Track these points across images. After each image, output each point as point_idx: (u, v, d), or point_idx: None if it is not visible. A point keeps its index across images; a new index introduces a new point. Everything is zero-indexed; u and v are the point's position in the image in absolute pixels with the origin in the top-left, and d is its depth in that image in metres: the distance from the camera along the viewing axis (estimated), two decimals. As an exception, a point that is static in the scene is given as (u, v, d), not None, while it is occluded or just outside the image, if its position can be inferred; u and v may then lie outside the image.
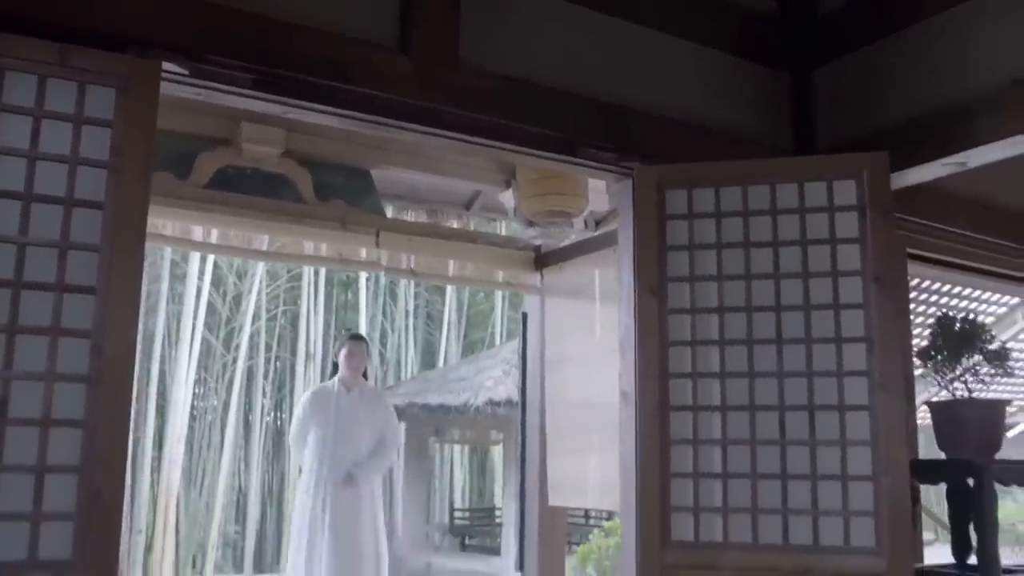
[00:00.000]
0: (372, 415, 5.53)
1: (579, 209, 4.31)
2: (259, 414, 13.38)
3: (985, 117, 3.23)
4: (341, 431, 5.35)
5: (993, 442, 3.24)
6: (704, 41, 3.70)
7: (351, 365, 5.56)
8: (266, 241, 4.78)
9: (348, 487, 5.22)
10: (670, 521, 3.10)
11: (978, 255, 4.41)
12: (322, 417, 5.41)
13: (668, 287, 3.22)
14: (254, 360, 13.47)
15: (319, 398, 5.58)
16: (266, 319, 13.57)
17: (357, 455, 5.34)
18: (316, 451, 5.33)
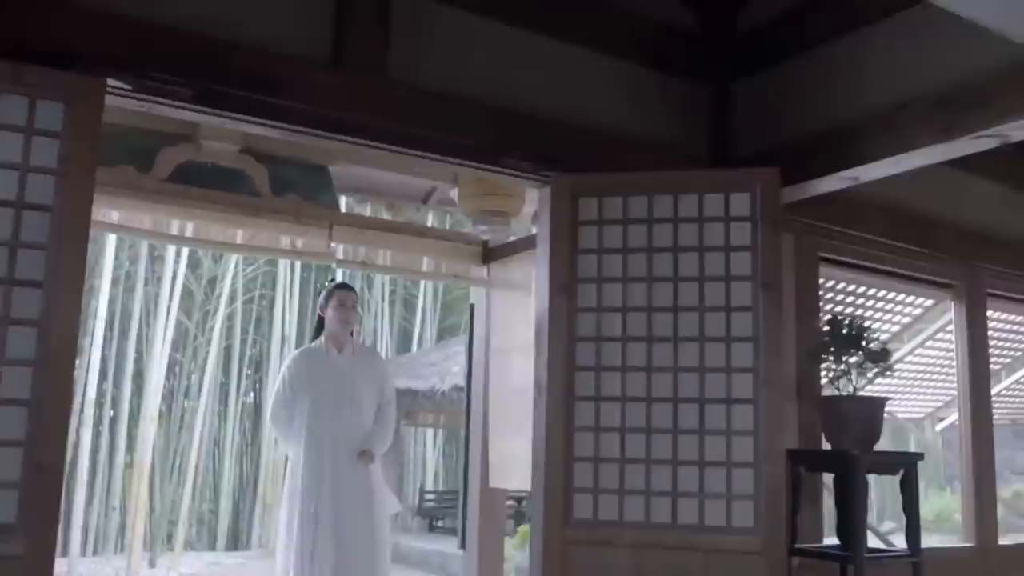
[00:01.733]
0: (371, 376, 4.64)
1: (515, 209, 4.62)
2: (234, 395, 13.68)
3: (873, 137, 3.56)
4: (340, 398, 4.47)
5: (871, 435, 3.59)
6: (625, 56, 4.01)
7: (341, 318, 4.61)
8: (223, 232, 5.06)
9: (362, 464, 4.40)
10: (572, 501, 3.44)
11: (890, 259, 4.73)
12: (314, 383, 4.49)
13: (578, 287, 3.55)
14: (231, 342, 13.75)
15: (307, 360, 4.62)
16: (243, 301, 13.85)
17: (363, 425, 4.49)
18: (312, 424, 4.40)
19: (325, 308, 4.70)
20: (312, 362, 4.62)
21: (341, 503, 4.31)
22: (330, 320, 4.66)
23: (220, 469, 13.76)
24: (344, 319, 4.65)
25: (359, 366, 4.64)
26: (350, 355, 4.65)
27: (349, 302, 4.68)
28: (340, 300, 4.65)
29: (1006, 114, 3.13)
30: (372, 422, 4.55)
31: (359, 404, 4.52)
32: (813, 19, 3.85)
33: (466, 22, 3.58)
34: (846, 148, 3.64)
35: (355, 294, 4.80)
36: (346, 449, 4.39)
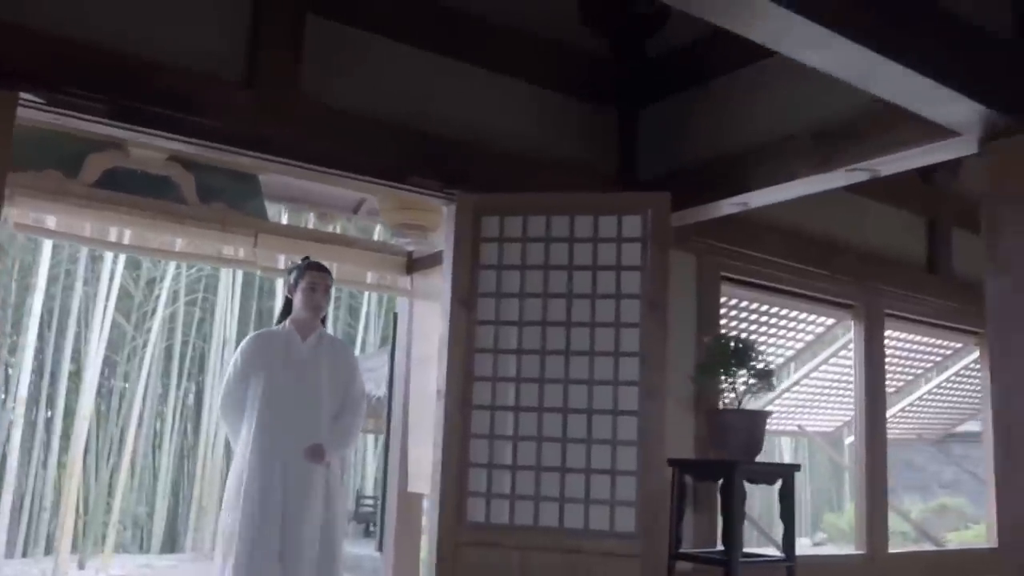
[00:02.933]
0: (336, 370, 4.12)
1: (434, 223, 4.81)
2: (172, 397, 13.70)
3: (760, 166, 3.81)
4: (297, 389, 3.99)
5: (753, 446, 3.83)
6: (535, 79, 4.22)
7: (312, 303, 4.10)
8: (148, 237, 5.20)
9: (312, 461, 3.92)
10: (466, 504, 3.63)
11: (791, 280, 5.01)
12: (269, 369, 4.00)
13: (478, 301, 3.75)
14: (171, 342, 13.78)
15: (265, 343, 4.13)
16: (185, 303, 13.88)
17: (320, 422, 3.99)
18: (262, 416, 3.92)
19: (294, 289, 4.16)
20: (270, 346, 4.10)
21: (292, 507, 3.83)
22: (299, 303, 4.13)
23: (157, 471, 13.76)
24: (315, 304, 4.12)
25: (324, 357, 4.09)
26: (315, 344, 4.12)
27: (322, 285, 4.14)
28: (312, 282, 4.11)
29: (873, 150, 3.40)
30: (331, 420, 4.04)
31: (318, 399, 4.00)
32: (711, 51, 4.09)
33: (377, 44, 3.75)
34: (736, 175, 3.89)
35: (330, 276, 4.24)
36: (300, 447, 3.92)
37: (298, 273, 4.19)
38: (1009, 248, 3.02)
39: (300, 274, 4.18)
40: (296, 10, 3.55)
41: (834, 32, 2.51)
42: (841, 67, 2.73)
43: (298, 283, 4.16)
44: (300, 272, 4.19)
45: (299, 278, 4.16)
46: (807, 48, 2.65)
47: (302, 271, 4.18)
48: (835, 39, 2.53)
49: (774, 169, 3.75)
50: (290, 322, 4.18)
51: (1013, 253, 3.01)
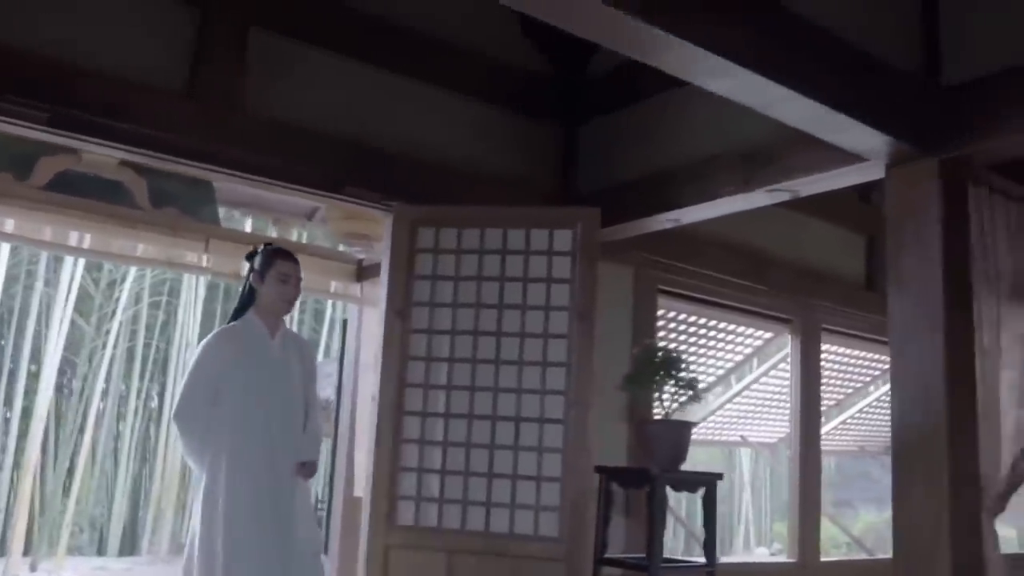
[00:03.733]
0: (304, 369, 3.66)
1: (378, 234, 4.93)
2: (133, 398, 13.72)
3: (689, 184, 3.98)
4: (274, 392, 3.49)
5: (678, 455, 3.98)
6: (478, 96, 4.38)
7: (283, 295, 3.57)
8: (100, 241, 5.30)
9: (307, 479, 3.55)
10: (396, 507, 3.78)
11: (728, 294, 5.18)
12: (246, 373, 3.46)
13: (412, 310, 3.90)
14: (133, 343, 13.80)
15: (235, 342, 3.54)
16: (148, 304, 13.91)
17: (297, 428, 3.55)
18: (241, 424, 3.40)
19: (261, 278, 3.57)
20: (240, 345, 3.51)
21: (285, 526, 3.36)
22: (269, 296, 3.56)
23: (117, 472, 13.77)
24: (287, 296, 3.60)
25: (292, 356, 3.62)
26: (281, 342, 3.60)
27: (294, 276, 3.60)
28: (283, 272, 3.56)
29: (791, 172, 3.58)
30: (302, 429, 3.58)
31: (293, 404, 3.55)
32: (644, 71, 4.20)
33: (319, 58, 3.89)
34: (667, 192, 4.06)
35: (299, 266, 3.67)
36: (284, 462, 3.43)
37: (264, 260, 3.59)
38: (910, 267, 3.21)
39: (267, 261, 3.58)
40: (239, 23, 3.69)
41: (735, 63, 2.68)
42: (744, 95, 2.91)
43: (266, 271, 3.56)
44: (267, 259, 3.59)
45: (267, 265, 3.57)
46: (711, 78, 2.82)
47: (269, 258, 3.59)
48: (736, 70, 2.70)
49: (701, 188, 3.92)
50: (257, 315, 3.58)
51: (913, 271, 3.20)
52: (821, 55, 2.95)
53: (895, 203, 3.30)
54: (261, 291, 3.59)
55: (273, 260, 3.59)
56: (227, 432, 3.39)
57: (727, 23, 2.67)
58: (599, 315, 4.41)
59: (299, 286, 3.66)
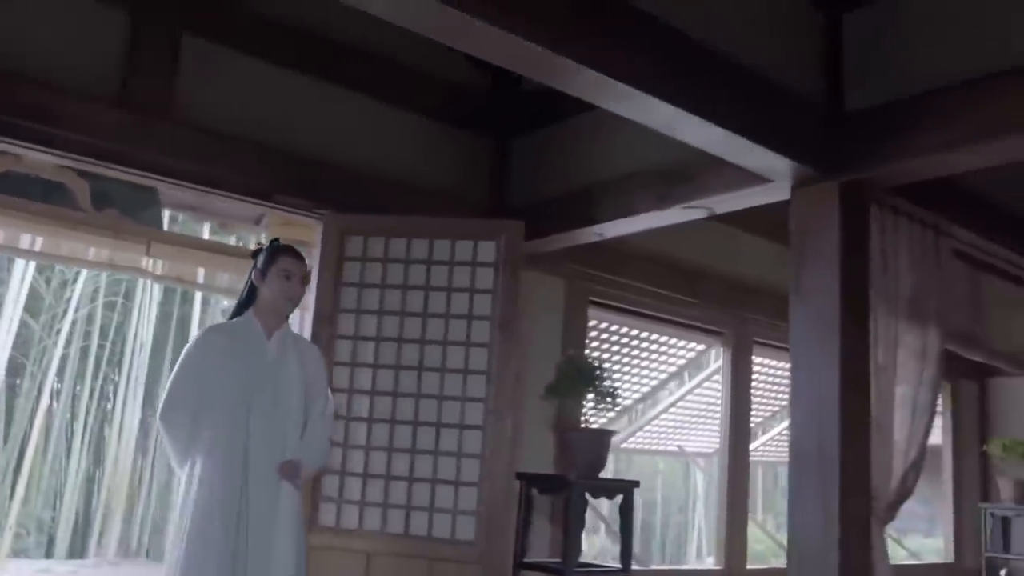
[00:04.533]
0: (305, 373, 3.43)
1: (315, 241, 5.05)
2: (84, 400, 13.71)
3: (610, 199, 4.14)
4: (267, 395, 3.30)
5: (597, 462, 4.13)
6: (413, 108, 4.50)
7: (287, 293, 3.40)
8: (40, 242, 5.38)
9: (288, 479, 3.26)
10: (319, 509, 3.89)
11: (660, 306, 5.35)
12: (238, 375, 3.30)
13: (339, 316, 4.03)
14: (87, 343, 13.79)
15: (228, 340, 3.39)
16: (103, 303, 13.91)
17: (290, 434, 3.32)
18: (228, 434, 3.22)
19: (263, 276, 3.40)
20: (234, 343, 3.36)
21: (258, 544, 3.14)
22: (271, 293, 3.38)
23: (65, 474, 13.75)
24: (292, 294, 3.42)
25: (291, 359, 3.40)
26: (281, 343, 3.41)
27: (299, 273, 3.44)
28: (287, 269, 3.39)
29: (703, 191, 3.74)
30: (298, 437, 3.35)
31: (287, 412, 3.33)
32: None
33: (253, 66, 3.98)
34: (590, 207, 4.22)
35: (305, 263, 3.53)
36: (267, 471, 3.22)
37: (268, 256, 3.44)
38: (809, 284, 3.38)
39: (270, 258, 3.43)
40: (171, 30, 3.79)
41: (636, 88, 2.83)
42: (648, 118, 3.07)
43: (268, 268, 3.39)
44: (270, 255, 3.44)
45: (269, 262, 3.41)
46: (615, 102, 2.98)
47: (272, 254, 3.44)
48: (638, 95, 2.86)
49: (621, 203, 4.08)
50: (256, 314, 3.41)
51: (812, 288, 3.37)
52: (724, 81, 3.12)
53: (798, 222, 3.48)
54: (262, 288, 3.41)
55: (276, 256, 3.43)
56: (214, 439, 3.20)
57: (628, 50, 2.82)
58: (529, 325, 4.60)
59: (304, 284, 3.50)
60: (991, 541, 6.51)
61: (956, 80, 3.13)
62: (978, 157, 3.20)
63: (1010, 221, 4.26)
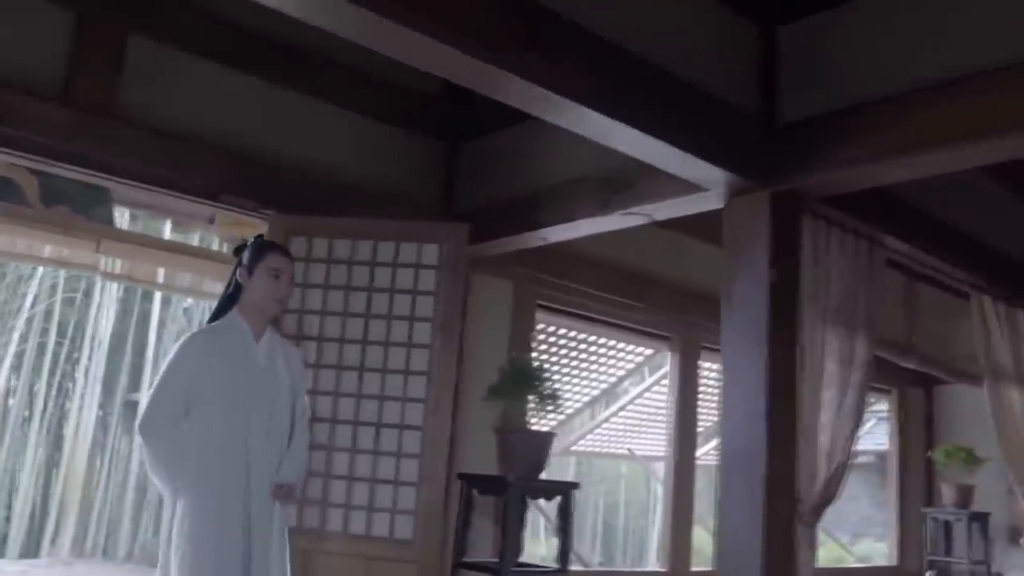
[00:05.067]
0: (292, 379, 3.32)
1: (265, 239, 5.10)
2: (41, 398, 13.63)
3: (554, 204, 4.21)
4: (258, 403, 3.15)
5: (538, 464, 4.21)
6: (362, 110, 4.55)
7: (275, 293, 3.25)
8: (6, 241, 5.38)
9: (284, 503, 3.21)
10: (258, 508, 3.93)
11: (608, 311, 5.44)
12: (229, 382, 3.13)
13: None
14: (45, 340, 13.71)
15: (219, 344, 3.19)
16: (61, 299, 13.84)
17: (281, 446, 3.21)
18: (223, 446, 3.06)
19: (249, 273, 3.25)
20: (224, 347, 3.17)
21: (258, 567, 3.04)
22: (258, 293, 3.23)
23: (19, 473, 13.66)
24: (279, 294, 3.26)
25: (280, 364, 3.27)
26: (267, 346, 3.27)
27: (287, 272, 3.28)
28: (276, 267, 3.25)
29: (642, 198, 3.83)
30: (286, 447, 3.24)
31: (278, 419, 3.20)
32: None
33: (200, 67, 4.03)
34: (534, 212, 4.29)
35: (292, 262, 3.38)
36: (263, 488, 3.11)
37: (254, 253, 3.28)
38: (740, 290, 3.48)
39: (258, 254, 3.27)
40: (118, 29, 3.82)
41: (568, 99, 2.91)
42: (582, 128, 3.16)
43: (256, 265, 3.24)
44: (257, 251, 3.29)
45: (256, 259, 3.25)
46: (548, 112, 3.07)
47: (260, 250, 3.29)
48: (570, 105, 2.94)
49: (564, 209, 4.16)
50: (241, 315, 3.24)
51: (743, 295, 3.47)
52: (658, 93, 3.20)
53: (731, 231, 3.58)
54: (248, 287, 3.24)
55: (264, 253, 3.27)
56: (197, 450, 3.03)
57: (559, 61, 2.89)
58: (476, 327, 4.68)
59: (292, 285, 3.34)
60: (933, 545, 6.66)
61: (883, 94, 3.24)
62: (902, 170, 3.32)
63: (945, 232, 4.38)
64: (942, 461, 6.57)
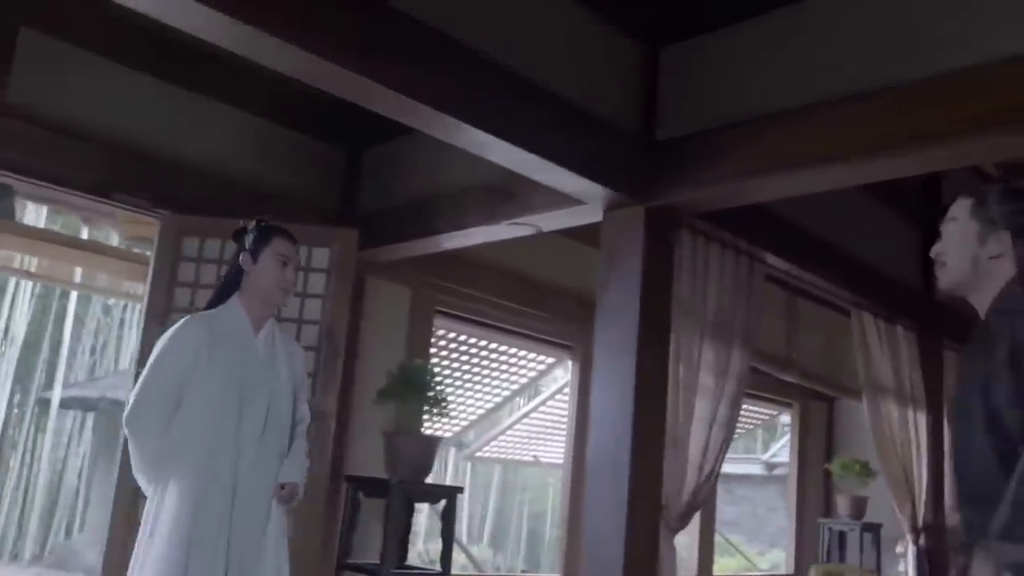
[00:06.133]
0: (293, 376, 3.09)
1: (163, 238, 5.13)
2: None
3: (445, 213, 4.32)
4: (258, 400, 2.91)
5: (423, 468, 4.30)
6: (262, 112, 4.61)
7: (280, 281, 3.02)
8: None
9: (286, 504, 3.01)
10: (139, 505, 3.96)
11: (509, 319, 5.55)
12: (225, 374, 2.87)
13: (172, 316, 4.11)
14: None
15: (215, 332, 2.93)
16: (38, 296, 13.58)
17: (282, 451, 3.00)
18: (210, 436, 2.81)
19: (254, 258, 3.01)
20: (223, 340, 2.92)
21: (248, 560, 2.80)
22: (263, 278, 2.99)
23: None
24: (287, 284, 3.04)
25: (279, 360, 3.03)
26: (267, 340, 3.03)
27: (294, 259, 3.09)
28: (284, 254, 3.03)
29: (525, 209, 3.95)
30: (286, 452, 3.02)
31: (277, 419, 2.96)
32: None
33: (93, 63, 4.04)
34: (429, 218, 4.40)
35: (298, 249, 3.16)
36: (258, 492, 2.87)
37: (259, 237, 3.04)
38: (613, 302, 3.62)
39: (263, 238, 3.03)
40: (8, 23, 3.84)
41: (440, 112, 3.02)
42: (459, 140, 3.27)
43: (261, 250, 3.00)
44: (263, 236, 3.04)
45: (262, 243, 3.01)
46: (422, 123, 3.18)
47: (266, 234, 3.04)
48: (444, 117, 3.05)
49: (455, 217, 4.27)
50: (242, 304, 3.00)
51: (615, 306, 3.60)
52: (535, 108, 3.32)
53: (607, 243, 3.71)
54: (253, 273, 2.99)
55: (271, 237, 3.02)
56: (187, 450, 2.77)
57: (432, 73, 3.00)
58: (372, 332, 4.76)
59: (295, 268, 3.12)
60: (828, 554, 6.87)
61: (748, 116, 3.41)
62: (766, 188, 3.49)
63: (825, 250, 4.58)
64: (839, 473, 6.79)
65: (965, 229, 2.02)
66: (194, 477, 2.75)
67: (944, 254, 2.06)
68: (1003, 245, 1.98)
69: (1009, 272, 1.96)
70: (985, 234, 2.00)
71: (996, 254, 1.98)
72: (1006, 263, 1.97)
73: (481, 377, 5.99)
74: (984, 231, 2.00)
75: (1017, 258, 1.97)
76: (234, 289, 3.02)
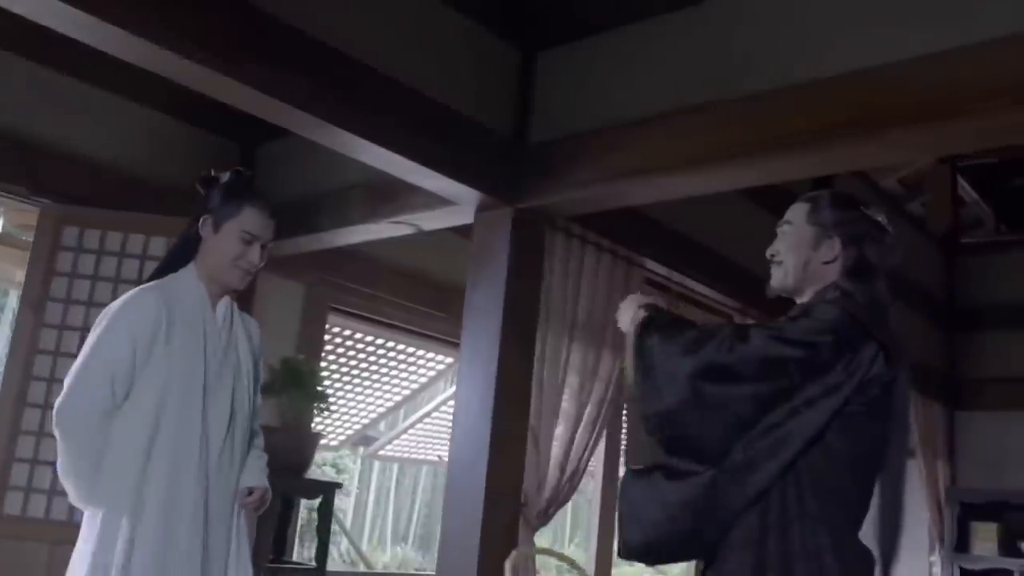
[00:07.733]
0: (253, 360, 2.67)
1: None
2: None
3: (332, 209, 4.42)
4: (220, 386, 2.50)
5: (301, 463, 4.39)
6: (152, 104, 4.66)
7: (244, 262, 2.55)
8: None
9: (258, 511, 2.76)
10: (5, 497, 4.01)
11: (404, 317, 5.64)
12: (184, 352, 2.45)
13: (48, 305, 4.17)
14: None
15: (172, 306, 2.47)
16: None
17: (245, 440, 2.62)
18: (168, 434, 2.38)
19: (216, 226, 2.54)
20: (180, 316, 2.47)
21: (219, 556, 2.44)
22: (219, 253, 2.54)
23: None
24: (248, 265, 2.55)
25: (240, 338, 2.62)
26: (226, 318, 2.59)
27: (265, 239, 2.58)
28: (251, 231, 2.54)
29: (403, 209, 4.06)
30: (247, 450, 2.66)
31: (241, 411, 2.57)
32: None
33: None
34: (315, 215, 4.49)
35: (273, 227, 2.62)
36: (222, 497, 2.50)
37: (227, 201, 2.56)
38: (479, 302, 3.76)
39: (233, 205, 2.55)
40: None
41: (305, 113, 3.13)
42: (327, 140, 3.40)
43: (226, 220, 2.52)
44: (232, 200, 2.56)
45: (229, 211, 2.53)
46: (292, 125, 3.29)
47: (236, 201, 2.56)
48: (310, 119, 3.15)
49: (339, 214, 4.38)
50: (199, 277, 2.55)
51: (481, 306, 3.75)
52: (403, 111, 3.42)
53: (477, 244, 3.84)
54: (209, 244, 2.54)
55: (242, 207, 2.54)
56: (137, 450, 2.35)
57: (294, 73, 3.10)
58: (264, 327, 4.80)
59: (265, 255, 2.59)
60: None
61: (614, 121, 3.55)
62: (632, 192, 3.63)
63: (705, 255, 4.73)
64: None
65: (800, 232, 2.12)
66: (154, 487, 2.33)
67: (779, 255, 2.16)
68: (834, 251, 2.07)
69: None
70: (819, 239, 2.09)
71: (828, 259, 2.08)
72: (836, 269, 2.07)
73: (379, 376, 6.07)
74: (818, 236, 2.10)
75: (844, 266, 2.07)
76: (190, 257, 2.56)
